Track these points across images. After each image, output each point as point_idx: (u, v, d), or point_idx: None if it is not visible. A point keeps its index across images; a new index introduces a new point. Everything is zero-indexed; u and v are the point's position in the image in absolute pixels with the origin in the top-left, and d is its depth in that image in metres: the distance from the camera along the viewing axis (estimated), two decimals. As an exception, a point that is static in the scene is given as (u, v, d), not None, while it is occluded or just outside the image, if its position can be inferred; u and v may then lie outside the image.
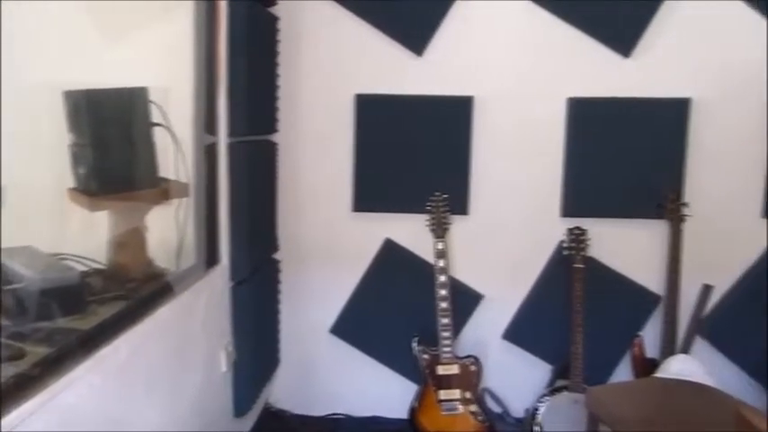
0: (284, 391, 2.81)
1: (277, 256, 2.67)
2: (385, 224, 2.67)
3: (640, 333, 2.58)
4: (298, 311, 2.74)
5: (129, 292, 1.71)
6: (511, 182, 2.62)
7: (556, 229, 2.61)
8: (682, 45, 2.49)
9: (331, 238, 2.69)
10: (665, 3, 2.46)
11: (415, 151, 2.60)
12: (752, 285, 2.60)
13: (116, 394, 1.47)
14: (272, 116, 2.54)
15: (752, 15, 2.45)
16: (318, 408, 2.80)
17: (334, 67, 2.59)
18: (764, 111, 2.50)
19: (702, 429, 1.85)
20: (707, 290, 2.39)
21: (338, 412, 2.81)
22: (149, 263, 1.92)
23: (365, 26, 2.55)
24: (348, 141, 2.61)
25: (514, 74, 2.56)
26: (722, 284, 2.62)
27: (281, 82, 2.56)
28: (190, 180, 2.01)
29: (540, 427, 2.45)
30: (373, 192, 2.64)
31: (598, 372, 2.62)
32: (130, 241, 1.88)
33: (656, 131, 2.54)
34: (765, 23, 2.44)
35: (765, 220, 2.57)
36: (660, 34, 2.49)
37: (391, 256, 2.69)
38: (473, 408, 2.51)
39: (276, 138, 2.60)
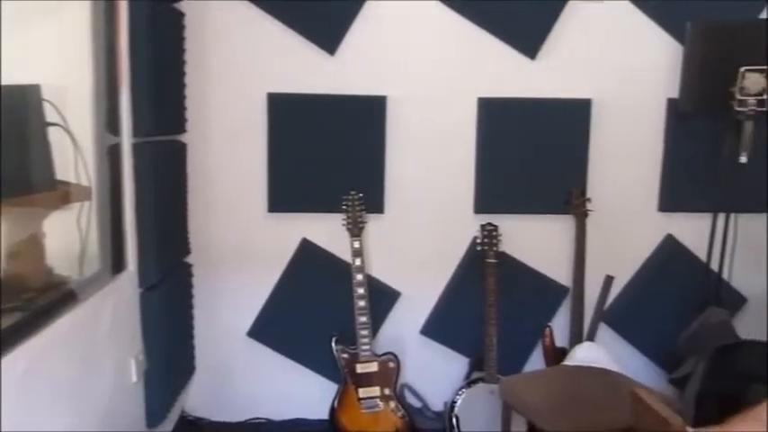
0: (201, 399, 2.74)
1: (189, 259, 2.60)
2: (301, 224, 2.65)
3: (550, 323, 2.69)
4: (213, 316, 2.68)
5: (26, 302, 1.62)
6: (425, 180, 2.67)
7: (469, 225, 2.68)
8: (581, 48, 2.61)
9: (246, 240, 2.64)
10: (567, 7, 2.57)
11: (329, 151, 2.59)
12: (650, 275, 2.78)
13: (15, 408, 1.39)
14: (180, 115, 2.46)
15: (645, 19, 2.61)
16: (238, 413, 2.75)
17: (246, 65, 2.54)
18: (661, 110, 2.67)
19: (605, 411, 1.95)
20: (609, 280, 2.52)
21: (259, 417, 2.76)
22: (48, 271, 1.82)
23: (277, 24, 2.51)
24: (261, 141, 2.57)
25: (427, 74, 2.61)
26: (624, 275, 2.79)
27: (188, 80, 2.48)
28: (92, 182, 1.92)
29: (457, 419, 2.51)
30: (288, 192, 2.61)
31: (512, 362, 2.72)
32: (26, 249, 1.77)
33: (561, 131, 2.65)
34: (658, 27, 2.60)
35: (661, 213, 2.75)
36: (562, 38, 2.60)
37: (308, 256, 2.67)
38: (393, 404, 2.54)
39: (185, 138, 2.52)
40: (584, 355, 2.36)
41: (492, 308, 2.55)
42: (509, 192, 2.67)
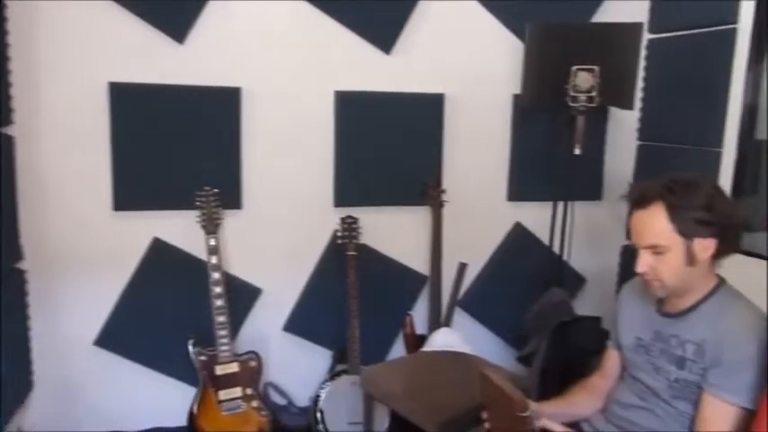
0: (43, 416, 2.49)
1: (21, 265, 2.34)
2: (151, 222, 2.50)
3: (410, 312, 2.77)
4: (53, 326, 2.44)
5: None
6: (284, 174, 2.62)
7: (329, 219, 2.67)
8: (434, 43, 2.69)
9: (89, 241, 2.44)
10: (419, 4, 2.65)
11: (180, 144, 2.46)
12: (501, 261, 2.94)
13: None
14: (5, 105, 2.21)
15: (492, 18, 2.75)
16: (88, 428, 2.54)
17: (83, 52, 2.33)
18: (507, 106, 2.82)
19: (460, 392, 2.03)
20: (462, 267, 2.64)
21: (112, 430, 2.57)
22: None
23: (119, 9, 2.33)
24: (104, 134, 2.38)
25: (283, 66, 2.56)
26: (478, 261, 2.93)
27: (13, 67, 2.23)
28: None
29: (322, 413, 2.51)
30: (136, 189, 2.44)
31: (376, 352, 2.76)
32: None
33: (416, 124, 2.72)
34: (503, 27, 2.75)
35: (510, 203, 2.92)
36: (415, 33, 2.66)
37: (160, 256, 2.52)
38: (255, 403, 2.48)
39: (11, 130, 2.26)
40: (440, 340, 2.45)
41: (354, 300, 2.57)
42: (368, 184, 2.70)
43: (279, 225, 2.65)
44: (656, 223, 1.46)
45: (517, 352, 2.77)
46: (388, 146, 2.70)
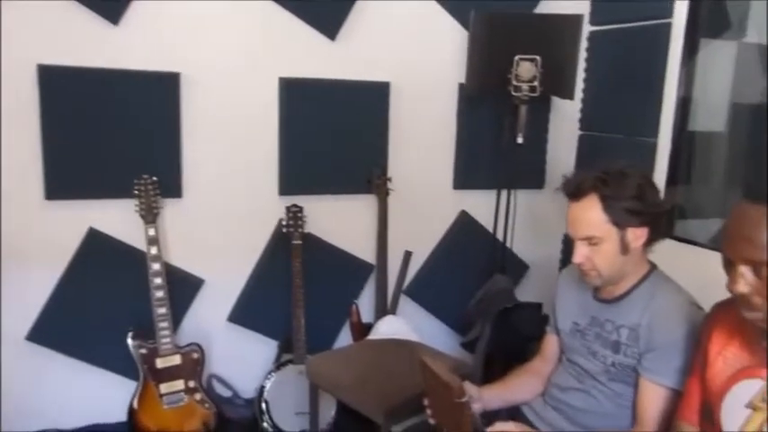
0: (-28, 416, 2.38)
1: (-57, 258, 2.22)
2: (87, 212, 2.40)
3: (356, 300, 2.76)
4: (-19, 321, 2.33)
5: None
6: (226, 162, 2.56)
7: (274, 207, 2.63)
8: (379, 31, 2.67)
9: (18, 233, 2.31)
10: (364, -11, 2.63)
11: (116, 130, 2.36)
12: (448, 248, 2.97)
13: None
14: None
15: (438, 6, 2.75)
16: (21, 426, 2.43)
17: (10, 33, 2.19)
18: (453, 94, 2.83)
19: (404, 379, 2.04)
20: (407, 255, 2.65)
21: (47, 428, 2.48)
22: None
23: (46, -13, 2.22)
24: (32, 118, 2.26)
25: (224, 51, 2.49)
26: (425, 249, 2.95)
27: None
28: None
29: (267, 404, 2.48)
30: (70, 177, 2.34)
31: (322, 341, 2.75)
32: None
33: (361, 112, 2.70)
34: (449, 15, 2.75)
35: (456, 191, 2.94)
36: (361, 19, 2.63)
37: (97, 247, 2.43)
38: (199, 396, 2.43)
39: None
40: (386, 328, 2.46)
41: (299, 289, 2.54)
42: (313, 173, 2.67)
43: (221, 214, 2.59)
44: (590, 215, 1.49)
45: (462, 338, 2.81)
46: (333, 133, 2.67)
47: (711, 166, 2.58)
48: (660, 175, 2.55)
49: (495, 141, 2.81)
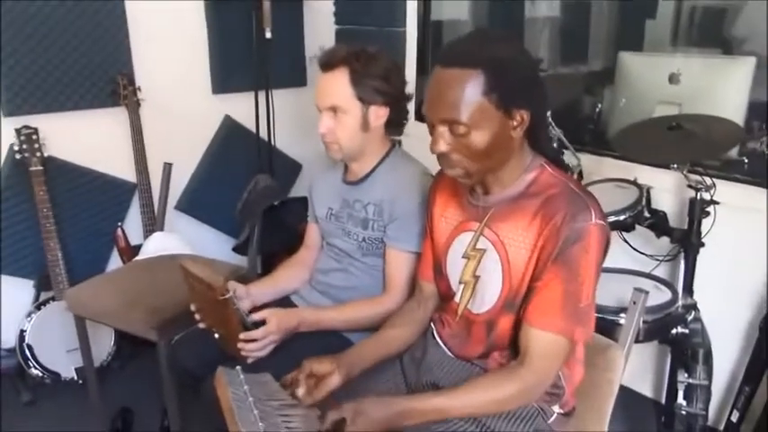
0: None
1: None
2: None
3: (121, 223, 2.58)
4: None
5: None
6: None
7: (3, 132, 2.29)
8: None
9: None
10: None
11: None
12: (215, 155, 2.87)
13: None
14: None
15: None
16: None
17: None
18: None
19: (176, 294, 1.97)
20: (167, 167, 2.51)
21: None
22: None
23: None
24: None
25: None
26: (192, 159, 2.82)
27: None
28: None
29: (31, 348, 2.27)
30: None
31: (89, 272, 2.53)
32: None
33: (94, 16, 2.39)
34: None
35: (216, 96, 2.81)
36: None
37: None
38: (-58, 356, 2.14)
39: None
40: (154, 246, 2.34)
41: (48, 220, 2.29)
42: (45, 88, 2.35)
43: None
44: (338, 86, 1.54)
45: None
46: (64, 43, 2.34)
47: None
48: (411, 62, 2.69)
49: (247, 40, 2.69)
